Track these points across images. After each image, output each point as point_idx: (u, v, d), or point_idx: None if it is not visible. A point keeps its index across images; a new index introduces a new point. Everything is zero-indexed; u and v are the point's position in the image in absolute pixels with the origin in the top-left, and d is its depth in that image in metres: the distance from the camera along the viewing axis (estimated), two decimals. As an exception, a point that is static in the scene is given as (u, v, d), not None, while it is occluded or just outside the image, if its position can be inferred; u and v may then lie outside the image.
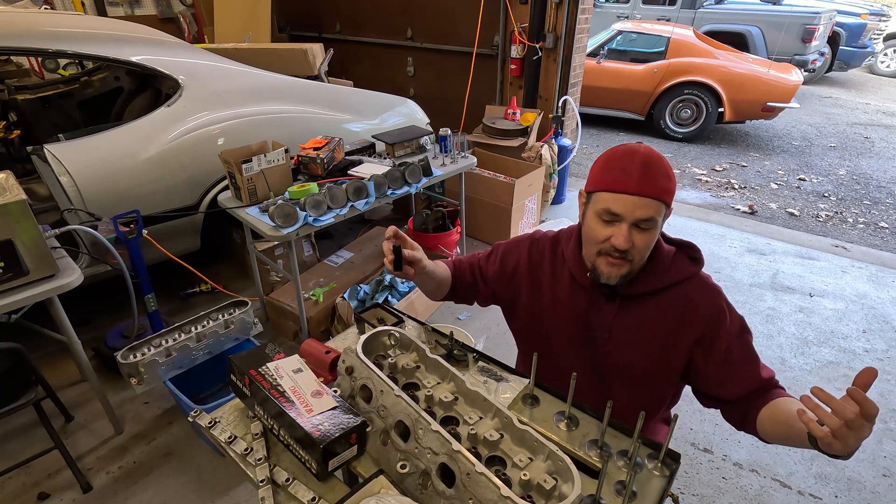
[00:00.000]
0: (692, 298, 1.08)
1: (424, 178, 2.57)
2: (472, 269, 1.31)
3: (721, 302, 1.09)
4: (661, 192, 0.99)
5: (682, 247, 1.14)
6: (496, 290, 1.29)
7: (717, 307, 1.08)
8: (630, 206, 0.98)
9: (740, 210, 4.29)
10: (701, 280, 1.11)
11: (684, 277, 1.09)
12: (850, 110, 7.38)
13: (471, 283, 1.31)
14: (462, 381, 0.94)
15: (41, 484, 1.85)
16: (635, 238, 1.00)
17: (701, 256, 1.13)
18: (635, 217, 0.99)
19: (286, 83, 2.94)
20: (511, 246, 1.29)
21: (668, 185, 1.00)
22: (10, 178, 1.68)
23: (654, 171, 0.98)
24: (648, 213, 0.98)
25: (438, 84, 4.64)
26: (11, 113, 2.99)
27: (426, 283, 1.24)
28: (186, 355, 1.86)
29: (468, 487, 0.75)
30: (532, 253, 1.24)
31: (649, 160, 0.99)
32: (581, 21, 3.76)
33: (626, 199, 0.98)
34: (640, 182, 0.98)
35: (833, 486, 1.92)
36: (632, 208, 0.98)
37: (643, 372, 1.13)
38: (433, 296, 1.31)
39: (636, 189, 0.98)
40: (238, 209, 2.25)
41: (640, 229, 1.00)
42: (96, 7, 4.79)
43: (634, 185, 0.98)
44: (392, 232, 1.13)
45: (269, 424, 0.97)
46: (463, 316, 2.82)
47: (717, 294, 1.10)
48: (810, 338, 2.71)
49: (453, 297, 1.34)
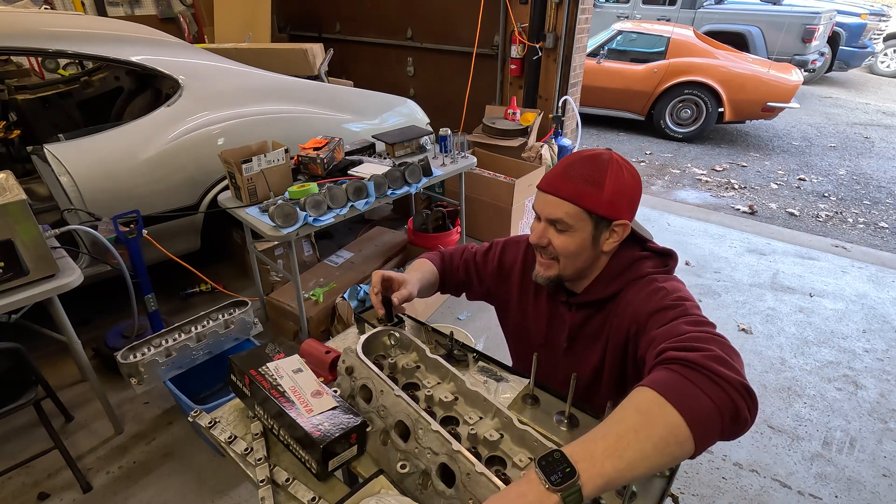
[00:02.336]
0: (635, 296, 0.97)
1: (424, 178, 2.57)
2: (467, 266, 1.29)
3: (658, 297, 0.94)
4: (576, 195, 0.95)
5: (658, 254, 1.06)
6: (491, 287, 1.28)
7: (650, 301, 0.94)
8: (543, 203, 0.99)
9: (740, 210, 4.29)
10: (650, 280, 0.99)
11: (634, 278, 1.01)
12: (850, 110, 7.38)
13: (463, 279, 1.30)
14: (462, 381, 0.94)
15: (41, 484, 1.85)
16: (553, 238, 1.00)
17: (672, 264, 1.04)
18: (546, 215, 0.99)
19: (286, 83, 2.94)
20: (511, 244, 1.27)
21: (587, 190, 0.94)
22: (10, 178, 1.68)
23: (575, 174, 0.95)
24: (557, 213, 0.97)
25: (438, 84, 4.64)
26: (11, 113, 2.99)
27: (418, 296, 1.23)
28: (186, 355, 1.86)
29: (468, 487, 0.75)
30: (528, 255, 1.22)
31: (580, 163, 0.96)
32: (581, 21, 3.76)
33: (542, 196, 1.00)
34: (553, 181, 0.98)
35: (833, 486, 1.92)
36: (542, 205, 0.99)
37: (609, 377, 1.07)
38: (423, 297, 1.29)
39: (550, 187, 0.98)
40: (238, 209, 2.25)
41: (557, 230, 0.99)
42: (96, 7, 4.79)
43: (547, 184, 0.99)
44: (377, 281, 1.11)
45: (269, 424, 0.97)
46: (463, 316, 2.82)
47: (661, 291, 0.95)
48: (810, 338, 2.71)
49: (441, 291, 1.33)
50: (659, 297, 0.94)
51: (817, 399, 2.30)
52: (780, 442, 2.09)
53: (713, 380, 0.68)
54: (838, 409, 2.26)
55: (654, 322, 0.90)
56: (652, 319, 0.91)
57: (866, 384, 2.41)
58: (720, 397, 0.67)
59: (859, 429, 2.17)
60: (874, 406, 2.29)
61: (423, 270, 1.26)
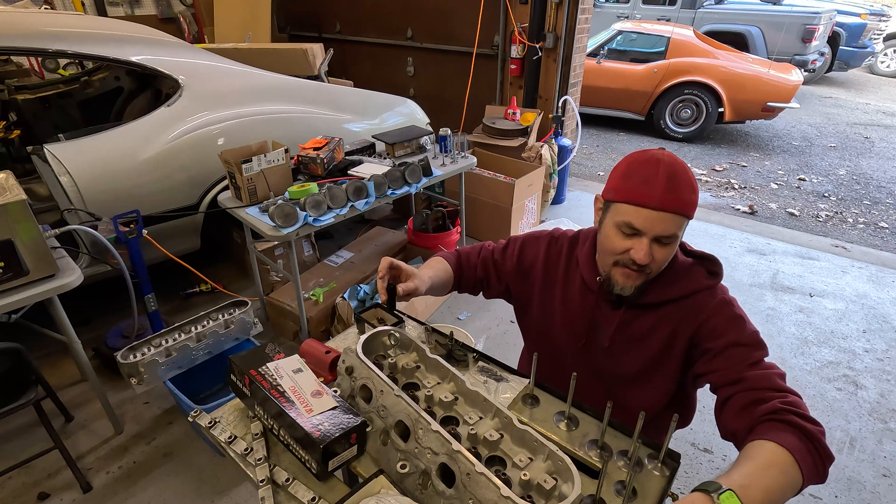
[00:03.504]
0: (696, 307, 1.03)
1: (424, 178, 2.57)
2: (485, 264, 1.29)
3: (728, 310, 1.02)
4: (686, 206, 0.94)
5: (702, 259, 1.09)
6: (511, 285, 1.27)
7: (710, 308, 1.02)
8: (652, 221, 0.94)
9: (740, 210, 4.29)
10: (713, 292, 1.04)
11: (697, 289, 1.04)
12: (850, 110, 7.38)
13: (482, 277, 1.29)
14: (462, 381, 0.94)
15: (41, 484, 1.85)
16: (655, 252, 0.97)
17: (720, 270, 1.07)
18: (656, 233, 0.95)
19: (286, 83, 2.94)
20: (530, 240, 1.26)
21: (691, 198, 0.95)
22: (10, 178, 1.68)
23: (678, 185, 0.93)
24: (671, 229, 0.94)
25: (438, 84, 4.64)
26: (11, 113, 2.98)
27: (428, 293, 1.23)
28: (186, 355, 1.86)
29: (468, 487, 0.75)
30: (550, 251, 1.22)
31: (674, 172, 0.94)
32: (581, 21, 3.76)
33: (648, 213, 0.93)
34: (663, 197, 0.92)
35: (833, 486, 1.92)
36: (653, 224, 0.94)
37: (643, 377, 1.12)
38: (436, 296, 1.29)
39: (659, 204, 0.92)
40: (238, 209, 2.25)
41: (661, 244, 0.97)
42: (96, 7, 4.79)
43: (657, 200, 0.92)
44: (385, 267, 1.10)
45: (269, 424, 0.97)
46: (463, 316, 2.82)
47: (729, 306, 1.02)
48: (810, 338, 2.71)
49: (457, 289, 1.32)
50: (739, 328, 0.99)
51: (817, 399, 2.30)
52: (780, 442, 2.09)
53: (823, 459, 0.86)
54: (838, 409, 2.26)
55: (734, 356, 0.97)
56: (731, 351, 0.97)
57: (866, 384, 2.41)
58: (823, 474, 0.86)
59: (859, 429, 2.17)
60: (874, 406, 2.29)
61: (437, 269, 1.25)
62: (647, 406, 1.10)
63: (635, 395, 1.15)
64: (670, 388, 1.13)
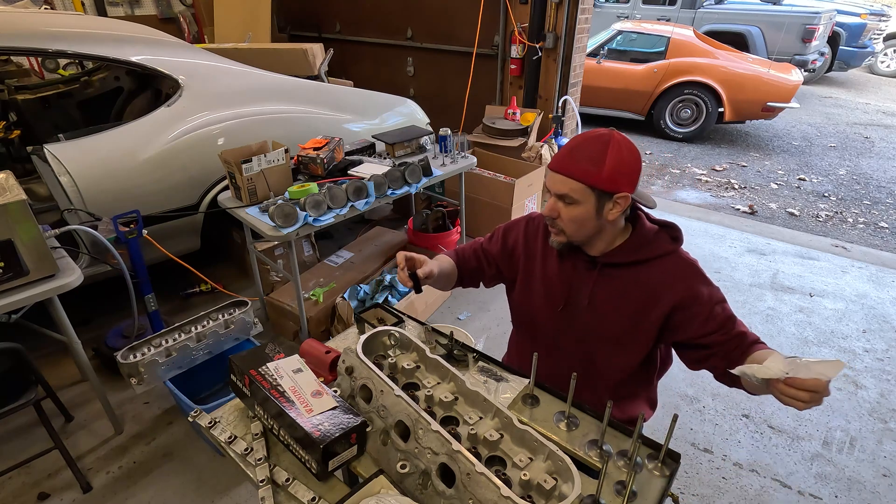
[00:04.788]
0: (669, 271, 1.17)
1: (424, 178, 2.57)
2: (476, 254, 1.42)
3: (698, 273, 1.18)
4: (580, 173, 1.08)
5: (664, 226, 1.23)
6: (501, 266, 1.40)
7: (694, 277, 1.17)
8: (551, 181, 1.13)
9: (740, 210, 4.29)
10: (678, 256, 1.20)
11: (663, 252, 1.18)
12: (850, 110, 7.38)
13: (476, 266, 1.41)
14: (462, 381, 0.94)
15: (41, 484, 1.85)
16: (561, 210, 1.13)
17: (680, 236, 1.21)
18: (555, 191, 1.13)
19: (286, 83, 2.94)
20: (511, 225, 1.42)
21: (589, 169, 1.08)
22: (10, 178, 1.68)
23: (579, 155, 1.09)
24: (564, 189, 1.10)
25: (438, 84, 4.64)
26: (11, 113, 2.98)
27: (437, 283, 1.33)
28: (186, 355, 1.86)
29: (468, 487, 0.75)
30: (528, 230, 1.36)
31: (583, 144, 1.10)
32: (581, 21, 3.75)
33: (552, 175, 1.14)
34: (560, 161, 1.12)
35: (833, 486, 1.92)
36: (552, 183, 1.13)
37: (620, 334, 1.21)
38: (444, 288, 1.43)
39: (557, 167, 1.12)
40: (238, 209, 2.25)
41: (565, 204, 1.12)
42: (96, 7, 4.79)
43: (556, 164, 1.13)
44: (402, 259, 1.23)
45: (269, 424, 0.97)
46: (463, 316, 2.82)
47: (694, 267, 1.19)
48: (810, 338, 2.71)
49: (461, 283, 1.44)
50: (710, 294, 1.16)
51: (817, 399, 2.30)
52: (780, 442, 2.09)
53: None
54: (838, 409, 2.26)
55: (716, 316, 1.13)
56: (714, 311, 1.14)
57: (866, 384, 2.41)
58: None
59: (859, 429, 2.17)
60: (874, 406, 2.29)
61: (441, 261, 1.37)
62: (624, 366, 1.24)
63: (614, 355, 1.24)
64: (648, 346, 1.22)
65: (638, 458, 0.91)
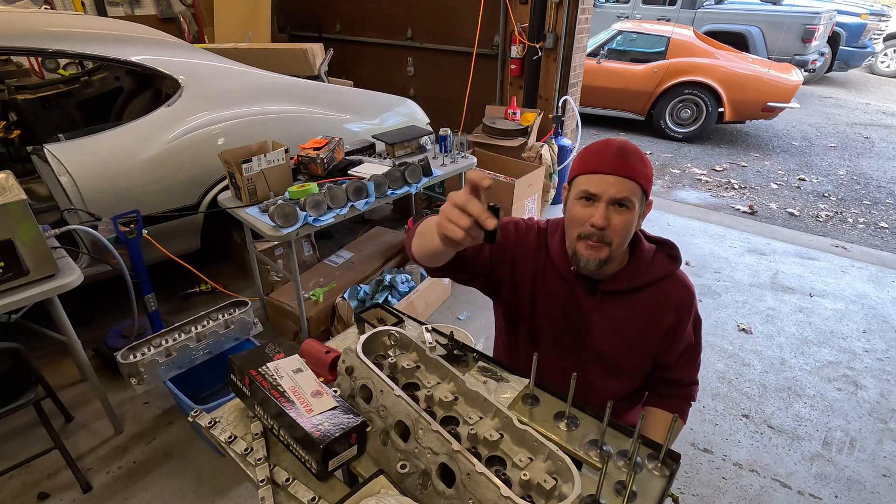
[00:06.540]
0: (669, 294, 1.14)
1: (424, 178, 2.57)
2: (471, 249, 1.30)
3: (692, 298, 1.18)
4: (636, 173, 1.02)
5: (661, 244, 1.19)
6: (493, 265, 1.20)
7: (688, 301, 1.16)
8: (605, 184, 1.01)
9: (740, 210, 4.29)
10: (677, 278, 1.17)
11: (663, 275, 1.14)
12: (850, 110, 7.38)
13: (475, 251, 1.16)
14: (462, 381, 0.94)
15: (41, 484, 1.85)
16: (612, 218, 1.02)
17: (679, 255, 1.17)
18: (610, 195, 1.01)
19: (286, 83, 2.94)
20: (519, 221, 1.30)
21: (643, 170, 1.03)
22: (10, 178, 1.68)
23: (628, 154, 1.02)
24: (623, 192, 1.01)
25: (438, 84, 4.64)
26: (11, 113, 2.98)
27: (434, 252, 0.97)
28: (186, 355, 1.86)
29: (468, 487, 0.75)
30: (518, 233, 1.24)
31: (624, 146, 1.04)
32: (581, 21, 3.75)
33: (601, 178, 1.01)
34: (613, 162, 1.02)
35: (833, 486, 1.92)
36: (607, 187, 1.01)
37: (620, 361, 1.19)
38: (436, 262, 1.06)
39: (610, 168, 1.01)
40: (238, 209, 2.25)
41: (617, 210, 1.02)
42: (96, 7, 4.79)
43: (608, 165, 1.02)
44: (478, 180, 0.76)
45: (269, 424, 0.97)
46: (463, 316, 2.82)
47: (690, 291, 1.18)
48: (810, 338, 2.71)
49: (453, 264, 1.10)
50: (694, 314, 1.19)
51: (817, 399, 2.30)
52: (780, 442, 2.09)
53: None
54: (838, 409, 2.26)
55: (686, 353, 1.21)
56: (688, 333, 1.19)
57: (866, 384, 2.41)
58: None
59: (859, 429, 2.17)
60: (874, 406, 2.29)
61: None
62: (619, 390, 1.23)
63: (609, 382, 1.21)
64: (644, 373, 1.22)
65: (638, 458, 0.91)
